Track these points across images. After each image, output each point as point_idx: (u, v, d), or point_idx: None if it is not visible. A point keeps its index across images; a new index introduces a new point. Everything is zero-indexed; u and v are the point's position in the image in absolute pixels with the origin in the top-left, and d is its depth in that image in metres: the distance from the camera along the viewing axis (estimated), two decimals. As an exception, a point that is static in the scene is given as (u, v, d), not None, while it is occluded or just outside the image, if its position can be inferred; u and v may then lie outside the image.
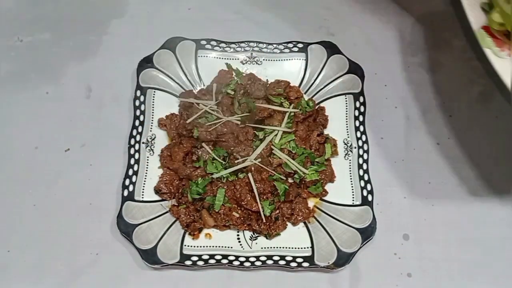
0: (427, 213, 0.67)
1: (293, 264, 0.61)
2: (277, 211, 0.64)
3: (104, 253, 0.64)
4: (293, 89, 0.72)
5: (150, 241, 0.62)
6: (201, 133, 0.67)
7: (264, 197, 0.65)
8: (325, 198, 0.67)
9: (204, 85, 0.73)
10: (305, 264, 0.61)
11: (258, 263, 0.61)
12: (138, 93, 0.70)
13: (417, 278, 0.63)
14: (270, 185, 0.65)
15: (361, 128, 0.69)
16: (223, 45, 0.74)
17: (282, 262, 0.61)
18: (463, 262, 0.64)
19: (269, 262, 0.61)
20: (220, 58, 0.74)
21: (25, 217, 0.65)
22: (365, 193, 0.65)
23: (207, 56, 0.74)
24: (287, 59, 0.74)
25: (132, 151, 0.67)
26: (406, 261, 0.64)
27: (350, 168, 0.68)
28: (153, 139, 0.69)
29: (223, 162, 0.66)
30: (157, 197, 0.66)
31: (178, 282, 0.62)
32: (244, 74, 0.73)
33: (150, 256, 0.61)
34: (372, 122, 0.71)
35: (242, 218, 0.64)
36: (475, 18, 0.56)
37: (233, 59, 0.74)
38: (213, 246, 0.63)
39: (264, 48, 0.74)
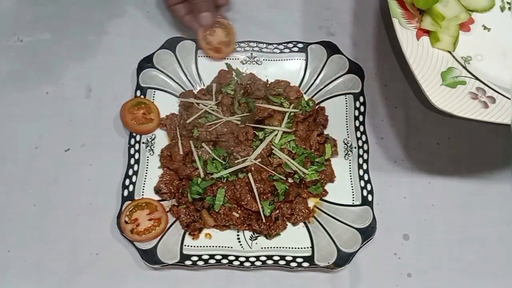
0: (427, 213, 0.67)
1: (293, 264, 0.61)
2: (277, 211, 0.64)
3: (104, 253, 0.64)
4: (293, 89, 0.71)
5: (150, 241, 0.62)
6: (201, 133, 0.67)
7: (264, 197, 0.64)
8: (325, 198, 0.67)
9: (204, 85, 0.73)
10: (305, 264, 0.61)
11: (258, 263, 0.61)
12: (138, 93, 0.70)
13: (417, 278, 0.63)
14: (270, 185, 0.65)
15: (361, 128, 0.69)
16: (223, 45, 0.74)
17: (282, 262, 0.61)
18: (463, 262, 0.64)
19: (269, 262, 0.61)
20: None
21: (25, 217, 0.65)
22: (365, 193, 0.65)
23: (207, 56, 0.74)
24: (287, 59, 0.74)
25: (132, 151, 0.67)
26: (406, 261, 0.64)
27: (350, 168, 0.68)
28: (153, 139, 0.69)
29: (223, 162, 0.66)
30: (157, 197, 0.66)
31: (178, 282, 0.62)
32: (244, 74, 0.73)
33: (150, 256, 0.61)
34: (372, 122, 0.71)
35: (242, 218, 0.64)
36: None
37: (233, 59, 0.74)
38: (213, 246, 0.63)
39: (264, 48, 0.74)
